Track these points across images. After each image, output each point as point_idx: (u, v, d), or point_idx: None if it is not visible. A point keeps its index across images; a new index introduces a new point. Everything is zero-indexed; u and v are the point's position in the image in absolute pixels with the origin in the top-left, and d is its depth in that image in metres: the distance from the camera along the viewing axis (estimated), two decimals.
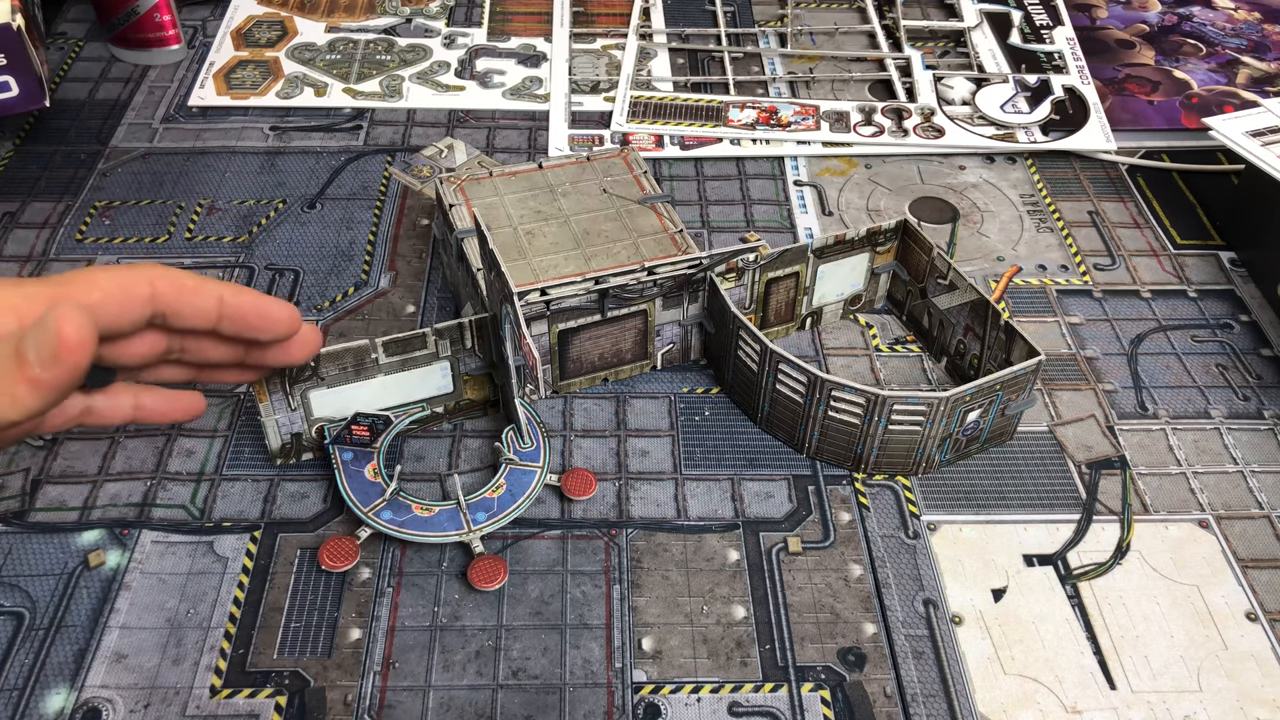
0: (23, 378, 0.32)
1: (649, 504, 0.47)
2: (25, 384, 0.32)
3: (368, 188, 0.63)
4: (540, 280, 0.47)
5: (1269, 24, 0.81)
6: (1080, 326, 0.56)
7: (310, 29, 0.77)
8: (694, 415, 0.50)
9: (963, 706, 0.40)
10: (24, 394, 0.32)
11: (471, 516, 0.44)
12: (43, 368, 0.32)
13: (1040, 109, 0.70)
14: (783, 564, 0.44)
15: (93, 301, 0.34)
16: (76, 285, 0.35)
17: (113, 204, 0.62)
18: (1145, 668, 0.41)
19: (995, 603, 0.43)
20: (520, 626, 0.42)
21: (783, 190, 0.64)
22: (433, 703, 0.40)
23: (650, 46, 0.76)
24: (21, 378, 0.32)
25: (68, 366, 0.32)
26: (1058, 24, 0.78)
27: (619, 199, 0.54)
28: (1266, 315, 0.57)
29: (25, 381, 0.32)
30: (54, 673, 0.40)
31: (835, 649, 0.42)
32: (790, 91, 0.72)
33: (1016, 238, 0.61)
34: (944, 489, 0.47)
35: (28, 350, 0.32)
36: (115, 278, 0.35)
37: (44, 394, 0.32)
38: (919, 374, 0.53)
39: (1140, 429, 0.50)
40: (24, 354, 0.32)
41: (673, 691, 0.40)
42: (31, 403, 0.32)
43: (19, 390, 0.32)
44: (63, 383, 0.32)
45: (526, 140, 0.67)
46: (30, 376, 0.32)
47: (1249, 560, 0.45)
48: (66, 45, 0.75)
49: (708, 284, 0.49)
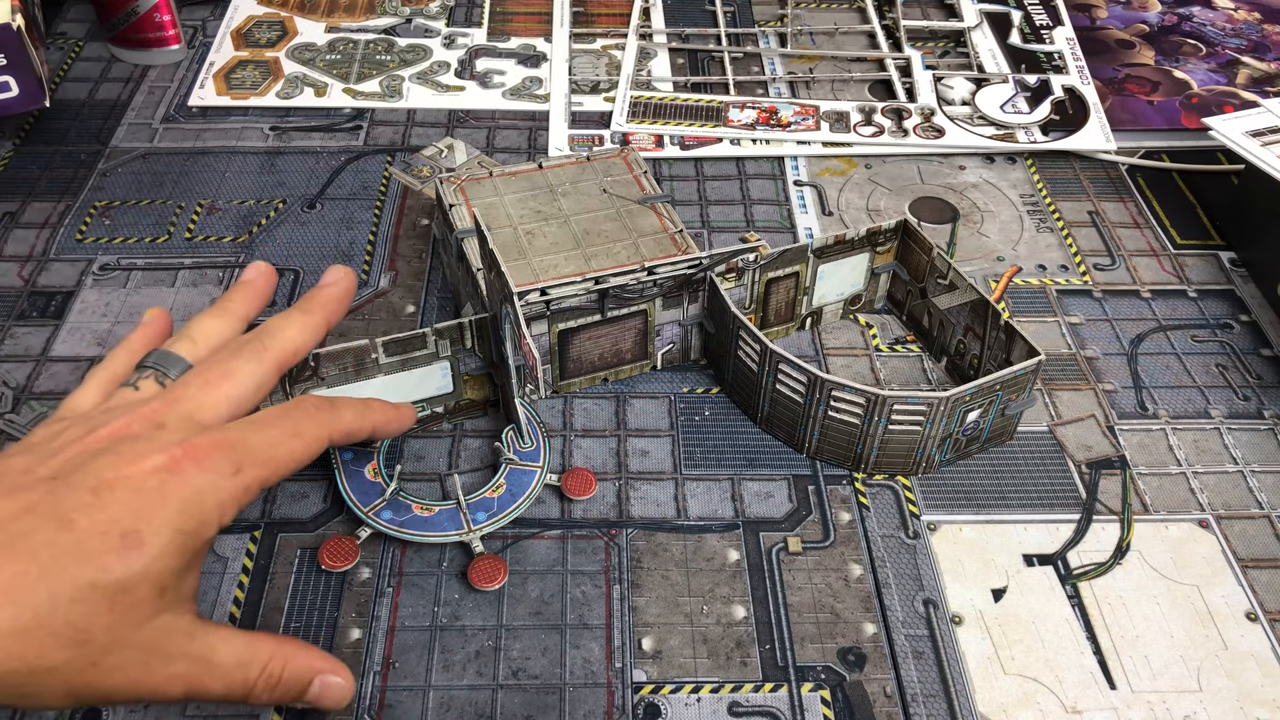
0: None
1: (649, 504, 0.47)
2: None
3: (368, 188, 0.63)
4: (540, 280, 0.47)
5: (1269, 24, 0.81)
6: (1080, 326, 0.56)
7: (310, 29, 0.77)
8: (694, 415, 0.50)
9: (963, 706, 0.40)
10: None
11: (471, 516, 0.44)
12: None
13: (1040, 109, 0.70)
14: (783, 564, 0.44)
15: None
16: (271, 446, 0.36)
17: (113, 204, 0.62)
18: (1145, 668, 0.41)
19: (995, 603, 0.43)
20: (520, 626, 0.42)
21: (783, 190, 0.64)
22: (433, 703, 0.40)
23: (650, 46, 0.76)
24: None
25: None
26: (1058, 24, 0.78)
27: (619, 199, 0.54)
28: (1266, 315, 0.57)
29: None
30: None
31: (835, 649, 0.42)
32: (790, 91, 0.72)
33: (1016, 238, 0.61)
34: (944, 489, 0.47)
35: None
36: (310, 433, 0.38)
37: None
38: (919, 374, 0.53)
39: (1140, 429, 0.50)
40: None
41: (673, 691, 0.40)
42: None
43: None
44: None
45: (526, 140, 0.67)
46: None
47: (1249, 560, 0.45)
48: (66, 45, 0.75)
49: (708, 284, 0.49)
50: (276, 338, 0.39)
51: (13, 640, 0.28)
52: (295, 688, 0.35)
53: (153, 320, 0.41)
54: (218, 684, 0.33)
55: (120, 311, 0.55)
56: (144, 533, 0.30)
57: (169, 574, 0.31)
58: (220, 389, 0.36)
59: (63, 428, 0.34)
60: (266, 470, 0.35)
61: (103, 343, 0.53)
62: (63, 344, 0.53)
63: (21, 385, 0.51)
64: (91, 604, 0.29)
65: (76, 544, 0.29)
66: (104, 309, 0.55)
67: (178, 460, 0.32)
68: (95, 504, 0.30)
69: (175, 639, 0.32)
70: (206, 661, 0.32)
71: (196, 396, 0.36)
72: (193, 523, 0.32)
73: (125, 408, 0.35)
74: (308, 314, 0.41)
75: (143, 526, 0.30)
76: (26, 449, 0.33)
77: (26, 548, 0.29)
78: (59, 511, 0.30)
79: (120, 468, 0.31)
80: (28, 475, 0.31)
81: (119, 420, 0.34)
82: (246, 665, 0.33)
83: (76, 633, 0.29)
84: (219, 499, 0.33)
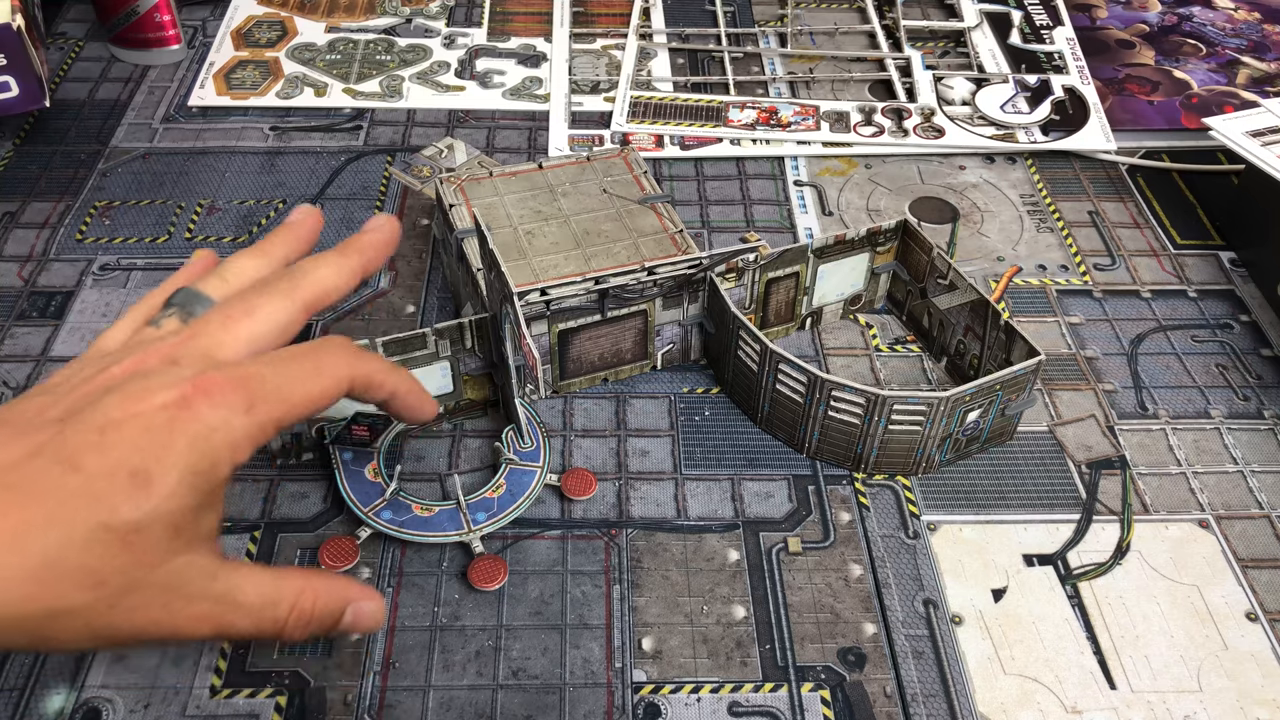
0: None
1: (649, 504, 0.47)
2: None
3: (368, 188, 0.63)
4: (540, 280, 0.47)
5: (1269, 24, 0.81)
6: (1080, 326, 0.56)
7: (310, 29, 0.77)
8: (694, 415, 0.50)
9: (963, 706, 0.40)
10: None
11: (471, 516, 0.44)
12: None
13: (1040, 109, 0.70)
14: (783, 564, 0.44)
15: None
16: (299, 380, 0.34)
17: (113, 204, 0.62)
18: (1145, 668, 0.41)
19: (995, 603, 0.43)
20: (520, 626, 0.42)
21: (783, 190, 0.64)
22: (433, 703, 0.40)
23: (650, 46, 0.76)
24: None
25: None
26: (1058, 24, 0.78)
27: (619, 199, 0.54)
28: (1266, 315, 0.57)
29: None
30: (54, 673, 0.40)
31: (835, 649, 0.42)
32: (790, 91, 0.72)
33: (1016, 238, 0.61)
34: (944, 489, 0.47)
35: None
36: (322, 380, 0.35)
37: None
38: (919, 374, 0.53)
39: (1140, 429, 0.50)
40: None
41: (673, 691, 0.40)
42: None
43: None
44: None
45: (526, 140, 0.67)
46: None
47: (1249, 560, 0.45)
48: (66, 45, 0.75)
49: (708, 284, 0.49)
50: (308, 277, 0.37)
51: (27, 585, 0.28)
52: (328, 620, 0.34)
53: (197, 260, 0.40)
54: (246, 623, 0.32)
55: (120, 311, 0.55)
56: (153, 472, 0.30)
57: (183, 513, 0.30)
58: (241, 326, 0.34)
59: (80, 367, 0.34)
60: (282, 408, 0.33)
61: None
62: (63, 344, 0.53)
63: (21, 385, 0.51)
64: (105, 546, 0.29)
65: (85, 486, 0.29)
66: (104, 309, 0.55)
67: (188, 396, 0.31)
68: (102, 444, 0.30)
69: (196, 579, 0.31)
70: (232, 601, 0.32)
71: (215, 333, 0.34)
72: (205, 462, 0.31)
73: (141, 344, 0.34)
74: (344, 256, 0.38)
75: (151, 465, 0.30)
76: (45, 389, 0.33)
77: (34, 491, 0.29)
78: (66, 453, 0.29)
79: (128, 405, 0.30)
80: (40, 416, 0.31)
81: (132, 357, 0.33)
82: (275, 604, 0.33)
83: (91, 575, 0.29)
84: (231, 437, 0.31)
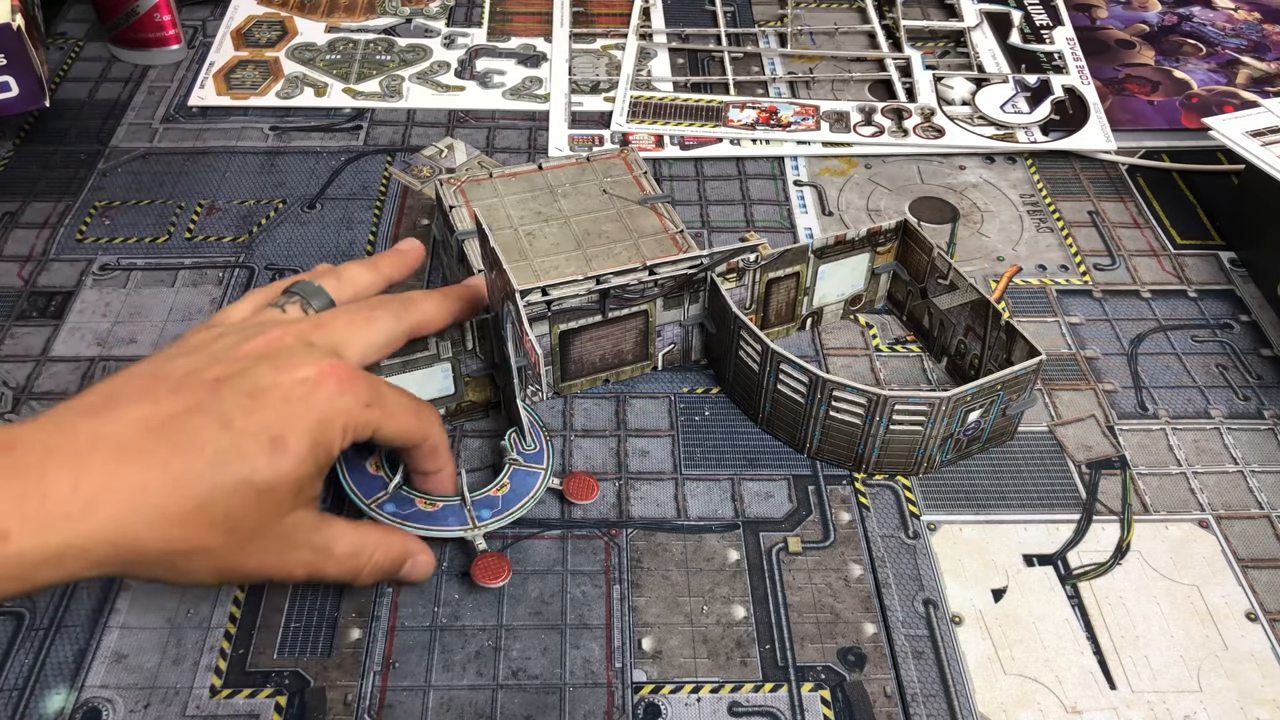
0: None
1: (649, 504, 0.47)
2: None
3: (368, 188, 0.63)
4: (541, 281, 0.47)
5: (1269, 24, 0.81)
6: (1080, 326, 0.56)
7: (310, 29, 0.77)
8: (694, 415, 0.50)
9: (963, 706, 0.40)
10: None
11: (476, 513, 0.44)
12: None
13: (1040, 109, 0.70)
14: (783, 564, 0.44)
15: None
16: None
17: (113, 204, 0.62)
18: (1145, 668, 0.41)
19: (995, 603, 0.43)
20: (520, 626, 0.42)
21: (783, 190, 0.64)
22: (433, 703, 0.40)
23: (650, 46, 0.76)
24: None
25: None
26: (1058, 24, 0.78)
27: (619, 199, 0.54)
28: (1266, 315, 0.57)
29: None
30: (54, 672, 0.40)
31: (835, 649, 0.42)
32: (790, 91, 0.72)
33: (1016, 238, 0.61)
34: (944, 489, 0.47)
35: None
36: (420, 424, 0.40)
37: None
38: (919, 374, 0.53)
39: (1140, 429, 0.50)
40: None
41: (673, 691, 0.40)
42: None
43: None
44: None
45: (526, 140, 0.67)
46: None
47: (1249, 560, 0.45)
48: (66, 45, 0.75)
49: (708, 284, 0.49)
50: (418, 307, 0.42)
51: (180, 525, 0.32)
52: (392, 569, 0.40)
53: (316, 267, 0.44)
54: (334, 569, 0.37)
55: (120, 311, 0.55)
56: (288, 439, 0.33)
57: (305, 479, 0.34)
58: (361, 332, 0.39)
59: (218, 334, 0.37)
60: (384, 421, 0.37)
61: (103, 343, 0.53)
62: (63, 344, 0.53)
63: (21, 385, 0.51)
64: (244, 498, 0.33)
65: (234, 443, 0.32)
66: (104, 309, 0.55)
67: (325, 375, 0.35)
68: (251, 407, 0.33)
69: (303, 532, 0.36)
70: (327, 551, 0.37)
71: (341, 330, 0.39)
72: (325, 436, 0.35)
73: (271, 323, 0.38)
74: (449, 300, 0.44)
75: (287, 433, 0.33)
76: (186, 350, 0.36)
77: (194, 443, 0.32)
78: (220, 411, 0.33)
79: (275, 375, 0.34)
80: (193, 377, 0.34)
81: (274, 331, 0.37)
82: (357, 554, 0.38)
83: (230, 521, 0.33)
84: (350, 421, 0.35)
